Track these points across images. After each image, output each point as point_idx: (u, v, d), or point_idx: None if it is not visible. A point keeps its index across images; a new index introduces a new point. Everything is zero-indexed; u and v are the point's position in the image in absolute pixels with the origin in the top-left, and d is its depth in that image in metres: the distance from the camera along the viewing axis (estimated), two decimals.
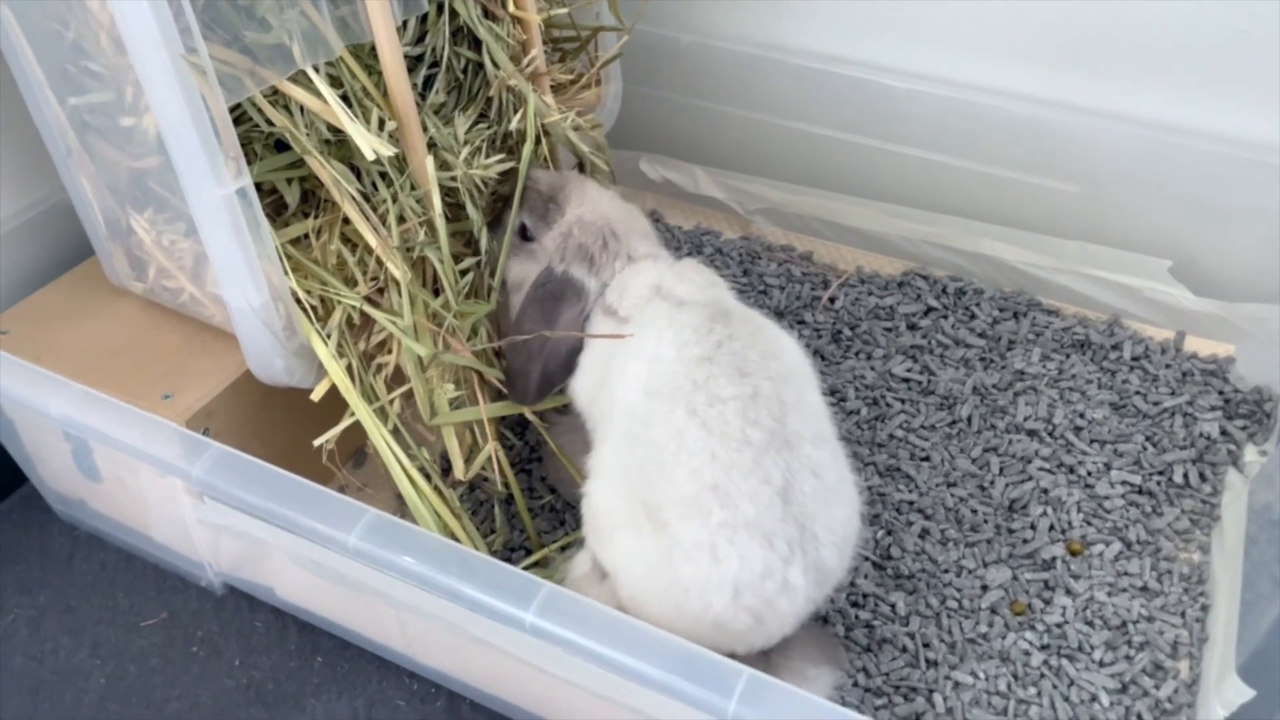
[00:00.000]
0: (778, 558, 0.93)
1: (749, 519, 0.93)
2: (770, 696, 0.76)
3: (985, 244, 1.56)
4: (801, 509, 0.94)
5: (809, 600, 0.97)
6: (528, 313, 1.10)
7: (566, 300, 1.10)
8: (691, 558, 0.94)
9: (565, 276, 1.10)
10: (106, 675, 1.15)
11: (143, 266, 1.15)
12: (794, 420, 0.97)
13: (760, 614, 0.95)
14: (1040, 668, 1.11)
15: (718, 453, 0.94)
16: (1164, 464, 1.31)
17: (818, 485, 0.96)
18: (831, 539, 0.97)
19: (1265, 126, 1.41)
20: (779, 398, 0.97)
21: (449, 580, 0.84)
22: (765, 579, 0.93)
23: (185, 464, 0.94)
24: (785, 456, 0.95)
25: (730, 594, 0.93)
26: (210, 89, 0.90)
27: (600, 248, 1.12)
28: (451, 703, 1.12)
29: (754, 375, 0.97)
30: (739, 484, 0.93)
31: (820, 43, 1.61)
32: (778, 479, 0.94)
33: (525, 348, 1.09)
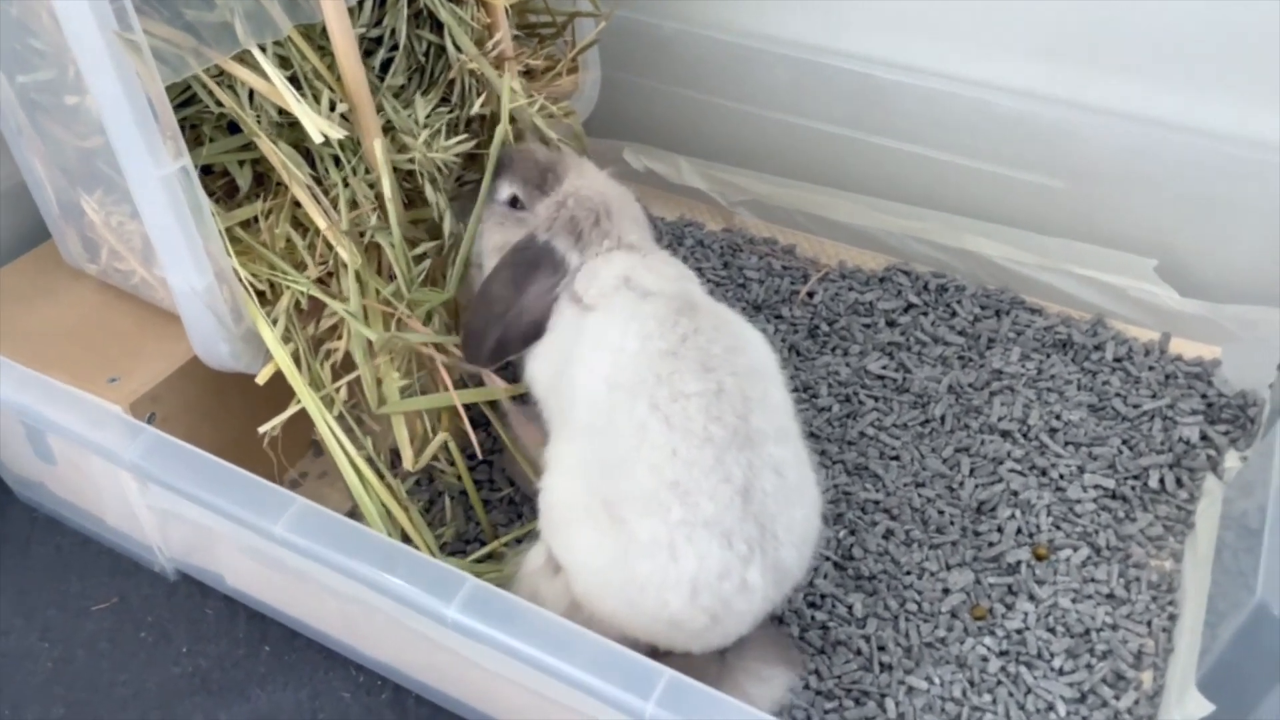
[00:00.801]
0: (736, 557, 0.91)
1: (708, 517, 0.90)
2: (690, 699, 0.74)
3: (969, 240, 1.52)
4: (762, 508, 0.92)
5: (767, 600, 0.95)
6: (500, 275, 1.07)
7: (542, 270, 1.06)
8: (649, 555, 0.92)
9: (547, 246, 1.07)
10: (54, 658, 1.15)
11: (95, 248, 1.14)
12: (758, 417, 0.94)
13: (717, 614, 0.93)
14: (997, 674, 1.08)
15: (679, 449, 0.92)
16: (1139, 468, 1.28)
17: (779, 484, 0.94)
18: (791, 539, 0.95)
19: (1259, 123, 1.37)
20: (743, 394, 0.94)
21: (372, 572, 0.82)
22: (723, 579, 0.91)
23: (119, 448, 0.92)
24: (747, 454, 0.92)
25: (688, 593, 0.91)
26: (146, 67, 0.89)
27: (591, 224, 1.08)
28: (397, 696, 1.11)
29: (718, 371, 0.95)
30: (699, 481, 0.91)
31: (806, 32, 1.58)
32: (739, 477, 0.91)
33: (488, 309, 1.06)
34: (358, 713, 1.10)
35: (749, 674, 0.99)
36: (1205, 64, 1.36)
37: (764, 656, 1.01)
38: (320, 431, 1.05)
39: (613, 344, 0.97)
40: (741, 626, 0.96)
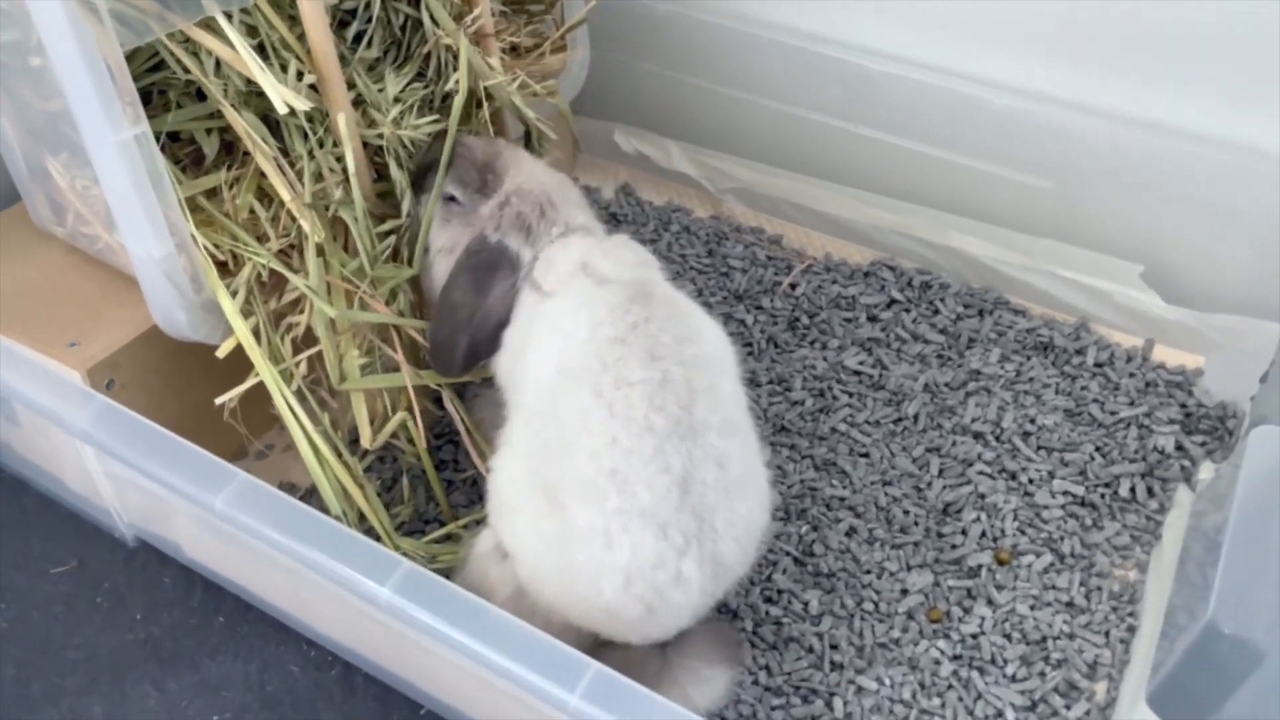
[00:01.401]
0: (671, 548, 0.90)
1: (644, 507, 0.90)
2: (616, 693, 0.74)
3: (954, 237, 1.50)
4: (701, 500, 0.91)
5: (705, 593, 0.94)
6: (458, 281, 1.07)
7: (500, 271, 1.06)
8: (585, 542, 0.91)
9: (500, 246, 1.06)
10: (9, 620, 1.15)
11: (62, 212, 1.14)
12: (702, 408, 0.93)
13: (652, 604, 0.92)
14: (949, 678, 1.07)
15: (619, 437, 0.91)
16: (1111, 476, 1.26)
17: (721, 476, 0.93)
18: (732, 533, 0.94)
19: (1252, 129, 1.34)
20: (689, 384, 0.93)
21: (309, 551, 0.82)
22: (657, 569, 0.90)
23: (70, 415, 0.92)
24: (688, 445, 0.91)
25: (621, 582, 0.91)
26: (104, 31, 0.88)
27: (538, 217, 1.08)
28: (346, 673, 1.11)
29: (665, 360, 0.94)
30: (638, 470, 0.90)
31: (801, 19, 1.56)
32: (678, 468, 0.90)
33: (452, 318, 1.06)
34: (306, 687, 1.09)
35: (689, 673, 0.99)
36: (1199, 68, 1.33)
37: (705, 656, 1.00)
38: (278, 406, 1.05)
39: (565, 330, 0.96)
40: (680, 619, 0.95)
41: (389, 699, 1.08)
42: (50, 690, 1.08)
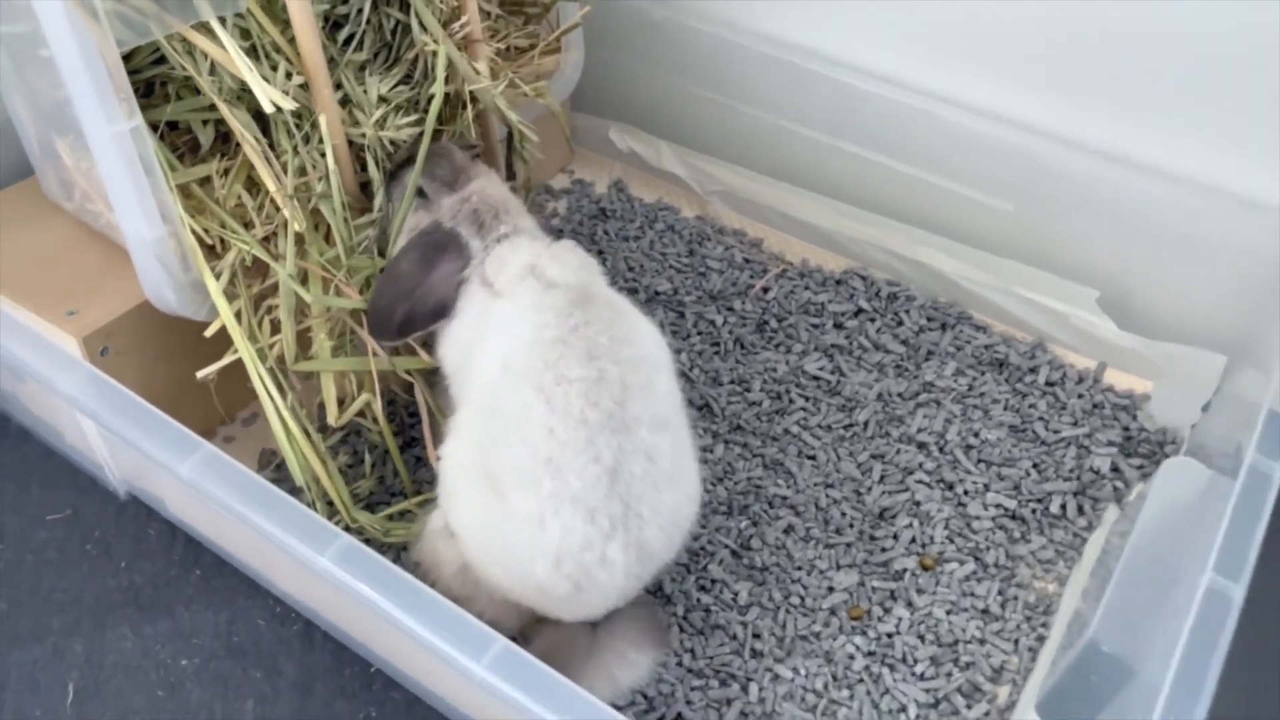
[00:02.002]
0: (598, 532, 0.98)
1: (575, 493, 0.97)
2: (519, 667, 0.82)
3: (923, 252, 1.56)
4: (628, 489, 0.99)
5: (630, 575, 1.02)
6: (408, 255, 1.14)
7: (448, 252, 1.14)
8: (521, 524, 0.99)
9: (453, 231, 1.15)
10: (5, 561, 1.25)
11: (70, 188, 1.23)
12: (635, 405, 1.00)
13: (580, 583, 1.00)
14: (860, 672, 1.15)
15: (556, 429, 0.98)
16: (1044, 492, 1.32)
17: (649, 468, 1.00)
18: (658, 520, 1.01)
19: (1212, 169, 1.39)
20: (623, 382, 1.01)
21: (259, 519, 0.90)
22: (585, 550, 0.98)
23: (57, 380, 1.01)
24: (619, 438, 0.99)
25: (552, 561, 0.98)
26: (102, 32, 0.96)
27: (491, 216, 1.16)
28: (307, 629, 1.20)
29: (602, 359, 1.01)
30: (570, 460, 0.98)
31: (790, 32, 1.61)
32: (608, 459, 0.98)
33: (396, 286, 1.13)
34: (270, 640, 1.19)
35: (616, 655, 1.07)
36: (1164, 105, 1.38)
37: (632, 639, 1.08)
38: (254, 381, 1.13)
39: (513, 334, 1.04)
40: (606, 599, 1.03)
41: (343, 655, 1.18)
42: (37, 628, 1.19)
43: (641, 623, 1.11)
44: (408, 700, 1.14)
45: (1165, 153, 1.41)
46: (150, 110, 1.13)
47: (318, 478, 1.15)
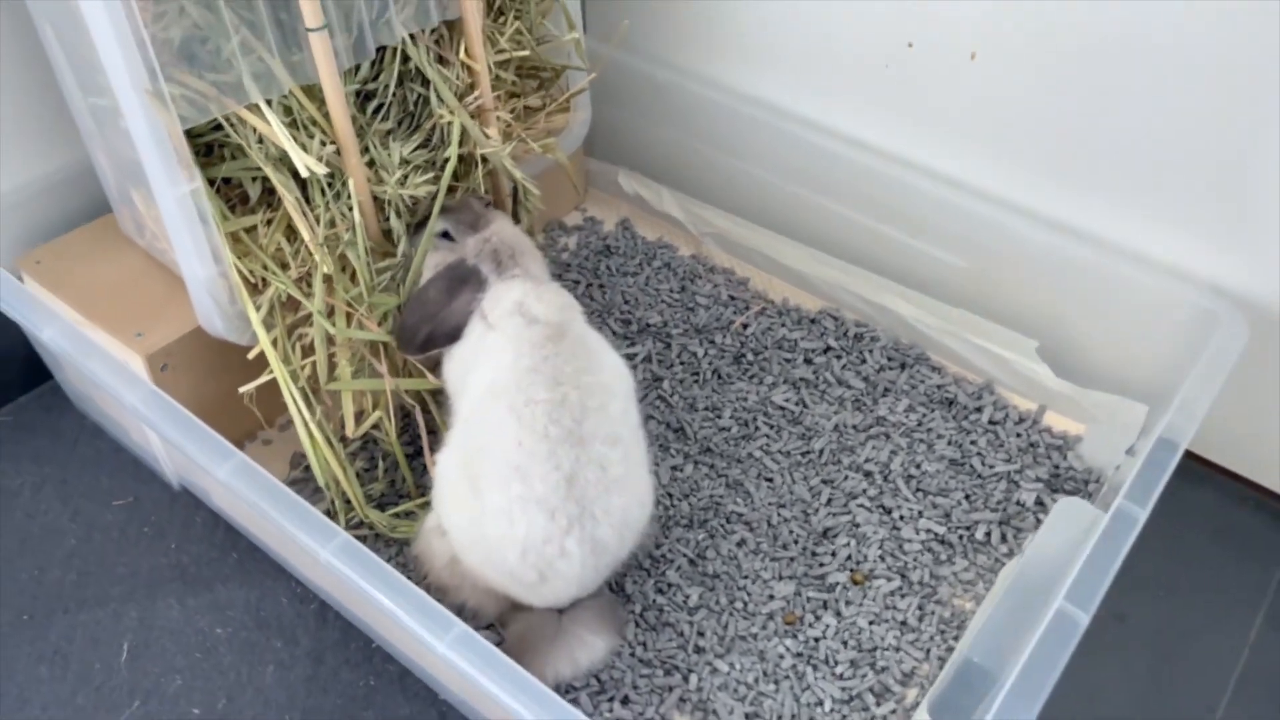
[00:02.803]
0: (557, 528, 1.18)
1: (539, 495, 1.17)
2: (475, 647, 1.02)
3: (887, 298, 1.73)
4: (584, 493, 1.19)
5: (586, 566, 1.21)
6: (436, 283, 1.34)
7: (469, 284, 1.33)
8: (494, 520, 1.19)
9: (475, 268, 1.34)
10: (77, 538, 1.49)
11: (142, 227, 1.46)
12: (591, 423, 1.20)
13: (543, 572, 1.20)
14: (787, 670, 1.33)
15: (524, 441, 1.19)
16: (970, 521, 1.49)
17: (601, 476, 1.20)
18: (609, 520, 1.21)
19: (1142, 239, 1.55)
20: (582, 404, 1.20)
21: (276, 515, 1.12)
22: (546, 543, 1.18)
23: (123, 393, 1.24)
24: (577, 450, 1.19)
25: (519, 552, 1.19)
26: (169, 115, 1.18)
27: (508, 256, 1.35)
28: (322, 609, 1.42)
29: (565, 385, 1.21)
30: (535, 467, 1.18)
31: (775, 97, 1.80)
32: (566, 467, 1.18)
33: (423, 310, 1.33)
34: (290, 616, 1.41)
35: (577, 638, 1.26)
36: (1101, 180, 1.54)
37: (592, 626, 1.27)
38: (285, 397, 1.35)
39: (496, 360, 1.24)
40: (568, 587, 1.22)
41: (349, 632, 1.39)
42: (100, 595, 1.42)
43: (600, 612, 1.30)
44: (400, 672, 1.35)
45: (1102, 224, 1.57)
46: (209, 168, 1.35)
47: (337, 479, 1.37)
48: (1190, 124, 1.42)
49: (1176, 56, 1.39)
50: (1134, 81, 1.44)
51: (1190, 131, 1.43)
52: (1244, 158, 1.40)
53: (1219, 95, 1.38)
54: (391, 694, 1.33)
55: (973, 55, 1.55)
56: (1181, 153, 1.46)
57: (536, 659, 1.23)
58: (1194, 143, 1.44)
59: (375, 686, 1.33)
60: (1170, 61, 1.39)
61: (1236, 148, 1.40)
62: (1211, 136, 1.41)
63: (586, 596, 1.28)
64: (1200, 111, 1.41)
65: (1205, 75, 1.38)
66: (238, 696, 1.32)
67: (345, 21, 1.30)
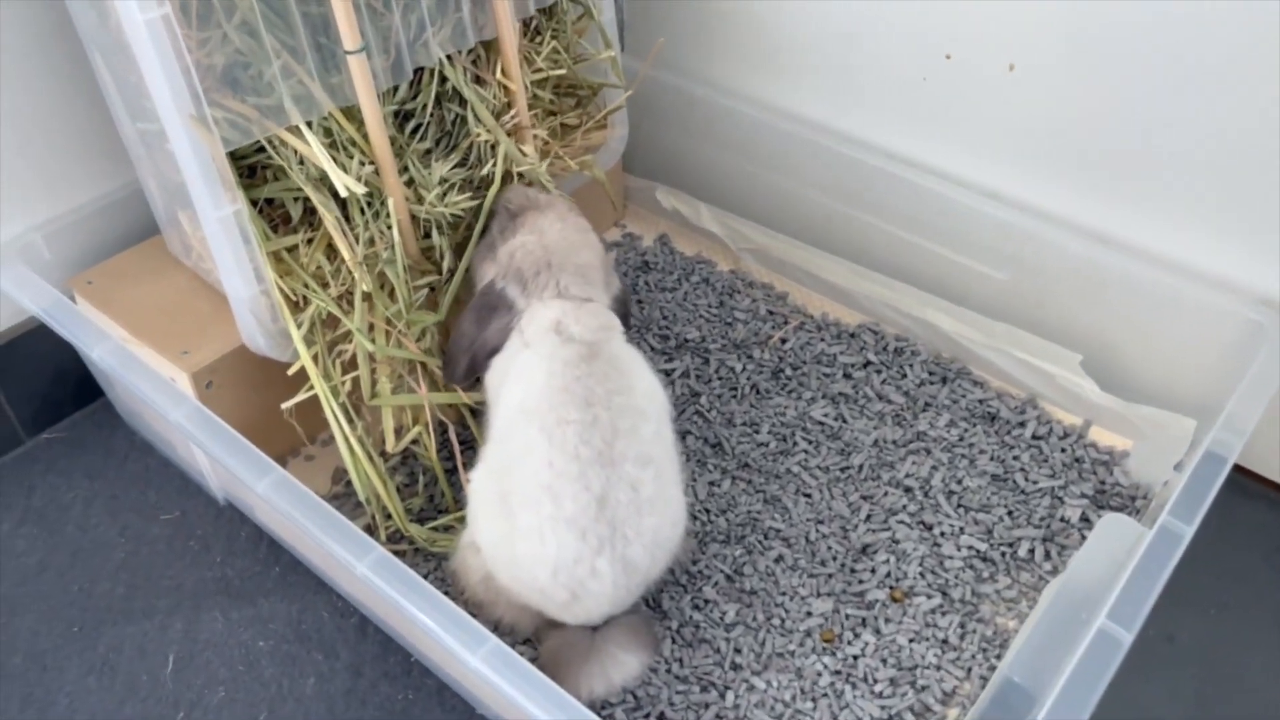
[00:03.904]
0: (588, 548, 1.18)
1: (569, 515, 1.18)
2: (508, 662, 1.03)
3: (929, 312, 1.72)
4: (615, 513, 1.19)
5: (618, 586, 1.21)
6: (469, 315, 1.36)
7: (499, 313, 1.34)
8: (526, 539, 1.20)
9: (501, 292, 1.34)
10: (126, 551, 1.52)
11: (189, 247, 1.49)
12: (622, 444, 1.20)
13: (575, 591, 1.20)
14: (825, 688, 1.31)
15: (554, 461, 1.19)
16: (1014, 538, 1.46)
17: (633, 497, 1.20)
18: (640, 541, 1.21)
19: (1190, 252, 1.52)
20: (613, 425, 1.21)
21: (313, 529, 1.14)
22: (577, 563, 1.18)
23: (167, 410, 1.27)
24: (607, 471, 1.19)
25: (550, 571, 1.19)
26: (212, 139, 1.21)
27: (533, 275, 1.33)
28: (362, 622, 1.43)
29: (595, 406, 1.21)
30: (565, 487, 1.18)
31: (813, 112, 1.80)
32: (597, 488, 1.18)
33: (463, 339, 1.36)
34: (330, 629, 1.43)
35: (610, 656, 1.26)
36: (1152, 193, 1.52)
37: (625, 644, 1.27)
38: (326, 413, 1.37)
39: (528, 379, 1.25)
40: (600, 606, 1.22)
41: (389, 646, 1.40)
42: (147, 608, 1.45)
43: (634, 630, 1.30)
44: (438, 686, 1.36)
45: (1147, 235, 1.55)
46: (252, 189, 1.38)
47: (378, 494, 1.39)
48: (1236, 135, 1.40)
49: (1220, 66, 1.36)
50: (1178, 91, 1.42)
51: (1236, 142, 1.40)
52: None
53: (1264, 104, 1.35)
54: (429, 708, 1.34)
55: (1011, 67, 1.54)
56: (1227, 164, 1.43)
57: (570, 676, 1.23)
58: (1240, 154, 1.41)
59: (413, 700, 1.34)
60: (1214, 71, 1.37)
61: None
62: (1258, 147, 1.39)
63: (620, 614, 1.28)
64: (1246, 123, 1.38)
65: (1248, 85, 1.35)
66: (278, 709, 1.33)
67: (383, 44, 1.32)
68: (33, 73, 1.49)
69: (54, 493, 1.60)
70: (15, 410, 1.64)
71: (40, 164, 1.55)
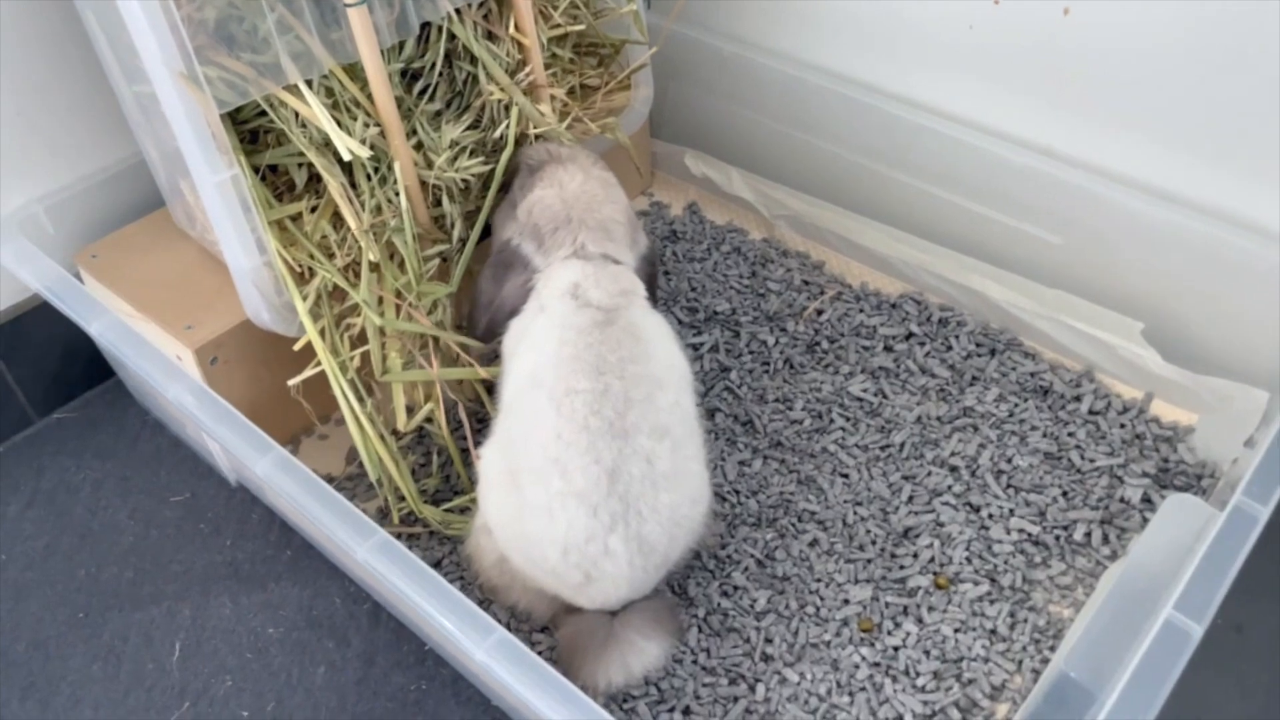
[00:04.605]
0: (600, 525, 1.10)
1: (579, 490, 1.09)
2: (513, 653, 0.95)
3: (975, 279, 1.61)
4: (628, 488, 1.10)
5: (635, 566, 1.13)
6: (486, 272, 1.29)
7: (514, 270, 1.27)
8: (534, 516, 1.12)
9: (516, 249, 1.27)
10: (135, 535, 1.47)
11: (192, 218, 1.43)
12: (635, 415, 1.12)
13: (588, 572, 1.12)
14: (863, 681, 1.23)
15: (563, 433, 1.11)
16: (1068, 520, 1.36)
17: (648, 471, 1.11)
18: (656, 518, 1.12)
19: (1258, 209, 1.40)
20: (626, 395, 1.12)
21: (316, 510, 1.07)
22: (589, 542, 1.10)
23: (166, 386, 1.21)
24: (619, 444, 1.10)
25: (560, 550, 1.11)
26: (205, 100, 1.14)
27: (550, 231, 1.25)
28: (375, 608, 1.37)
29: (608, 374, 1.13)
30: (574, 460, 1.10)
31: (849, 68, 1.69)
32: (608, 460, 1.10)
33: (480, 299, 1.30)
34: (342, 616, 1.36)
35: (629, 643, 1.18)
36: (1212, 145, 1.39)
37: (644, 630, 1.19)
38: (334, 390, 1.30)
39: (539, 345, 1.16)
40: (618, 588, 1.14)
41: (402, 633, 1.34)
42: (155, 593, 1.39)
43: (655, 615, 1.21)
44: (453, 676, 1.29)
45: (1214, 192, 1.42)
46: (254, 155, 1.31)
47: (390, 475, 1.32)
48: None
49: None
50: (1251, 35, 1.29)
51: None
52: None
53: None
54: (443, 699, 1.27)
55: (1066, 11, 1.42)
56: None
57: (587, 665, 1.16)
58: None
59: (427, 691, 1.28)
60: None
61: None
62: None
63: (640, 598, 1.20)
64: None
65: None
66: (287, 699, 1.27)
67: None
68: (31, 37, 1.43)
69: (63, 474, 1.55)
70: (24, 390, 1.59)
71: (42, 133, 1.49)
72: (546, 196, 1.28)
